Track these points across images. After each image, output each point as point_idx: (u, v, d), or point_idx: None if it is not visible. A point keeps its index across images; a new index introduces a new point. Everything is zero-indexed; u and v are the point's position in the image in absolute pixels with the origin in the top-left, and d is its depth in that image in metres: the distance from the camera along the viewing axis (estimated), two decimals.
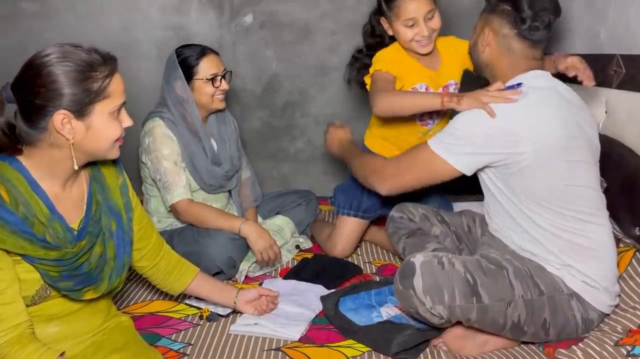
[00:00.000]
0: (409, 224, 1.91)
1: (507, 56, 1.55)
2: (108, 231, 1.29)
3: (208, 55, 2.03)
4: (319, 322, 1.65)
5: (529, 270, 1.47)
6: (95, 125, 1.17)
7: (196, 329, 1.61)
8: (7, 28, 2.92)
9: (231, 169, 2.11)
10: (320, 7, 3.03)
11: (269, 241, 1.91)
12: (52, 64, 1.12)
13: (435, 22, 1.89)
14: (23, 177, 1.16)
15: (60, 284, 1.18)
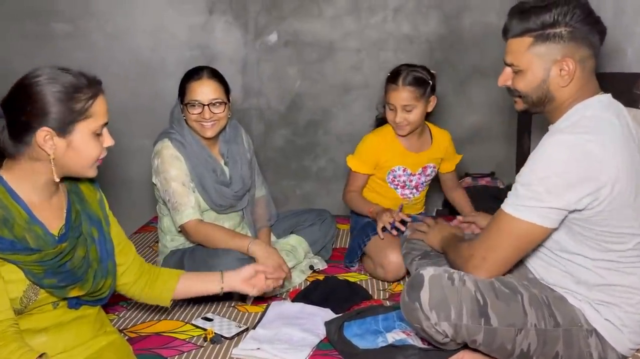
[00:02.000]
0: (423, 245, 1.87)
1: (585, 81, 1.37)
2: (89, 237, 1.32)
3: (198, 80, 1.95)
4: (324, 348, 1.61)
5: (547, 299, 1.39)
6: (75, 143, 1.21)
7: (199, 351, 1.59)
8: (39, 48, 3.03)
9: (242, 189, 2.09)
10: (345, 26, 3.03)
11: (277, 261, 1.88)
12: (40, 84, 1.18)
13: (411, 116, 2.14)
14: (2, 186, 1.20)
15: (45, 281, 1.21)
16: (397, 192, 2.31)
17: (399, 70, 2.16)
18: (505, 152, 3.15)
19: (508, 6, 3.02)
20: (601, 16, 2.04)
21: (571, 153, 1.27)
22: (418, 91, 2.13)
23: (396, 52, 3.06)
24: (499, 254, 1.38)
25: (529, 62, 1.36)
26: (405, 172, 2.27)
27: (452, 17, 3.01)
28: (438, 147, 2.32)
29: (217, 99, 1.96)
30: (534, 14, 1.33)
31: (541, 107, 1.42)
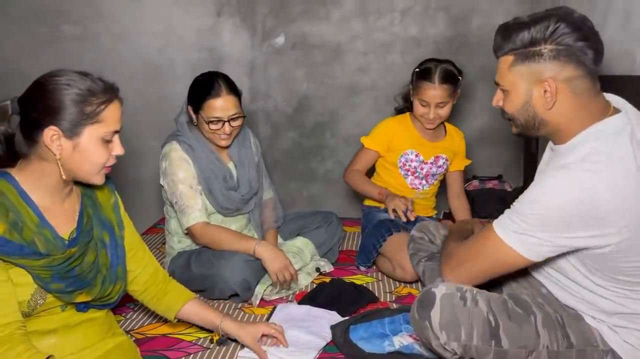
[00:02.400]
0: (429, 246, 1.86)
1: (577, 103, 1.27)
2: (100, 241, 1.33)
3: (218, 98, 1.92)
4: (330, 350, 1.61)
5: (561, 318, 1.35)
6: (82, 146, 1.21)
7: (205, 353, 1.59)
8: (47, 49, 3.05)
9: (249, 193, 2.09)
10: (352, 28, 3.03)
11: (284, 262, 1.89)
12: (56, 84, 1.19)
13: (443, 111, 2.22)
14: (13, 187, 1.21)
15: (52, 285, 1.21)
16: (406, 181, 2.35)
17: (430, 68, 2.18)
18: (513, 155, 3.14)
19: (516, 8, 3.05)
20: (611, 19, 2.06)
21: (578, 193, 1.19)
22: (452, 87, 2.19)
23: (403, 54, 3.05)
24: (474, 266, 1.38)
25: (512, 82, 1.31)
26: (417, 158, 2.31)
27: (459, 20, 3.01)
28: (452, 140, 2.38)
29: (237, 114, 1.96)
30: (515, 31, 1.27)
31: (534, 131, 1.34)
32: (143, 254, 1.48)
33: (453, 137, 2.39)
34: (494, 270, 1.37)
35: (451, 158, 2.39)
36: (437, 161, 2.34)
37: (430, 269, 1.79)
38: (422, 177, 2.35)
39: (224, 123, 1.94)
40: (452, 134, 2.40)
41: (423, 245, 1.88)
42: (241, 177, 2.08)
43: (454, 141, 2.39)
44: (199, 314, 1.55)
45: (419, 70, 2.22)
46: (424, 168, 2.33)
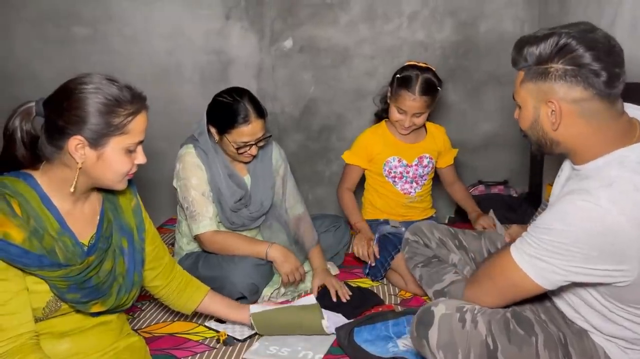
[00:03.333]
0: (424, 250, 1.84)
1: (588, 126, 1.21)
2: (118, 248, 1.32)
3: (249, 125, 1.89)
4: (335, 352, 1.62)
5: (564, 337, 1.33)
6: (106, 156, 1.20)
7: (212, 353, 1.61)
8: (59, 51, 3.08)
9: (258, 211, 2.07)
10: (359, 32, 3.05)
11: (295, 264, 1.91)
12: (84, 91, 1.16)
13: (419, 120, 2.22)
14: (35, 192, 1.20)
15: (68, 295, 1.21)
16: (396, 188, 2.34)
17: (411, 76, 2.15)
18: (519, 160, 3.14)
19: (524, 14, 3.06)
20: (619, 25, 2.07)
21: (599, 226, 1.12)
22: (431, 99, 2.18)
23: (410, 59, 3.05)
24: (491, 288, 1.35)
25: (523, 98, 1.27)
26: (400, 163, 2.32)
27: (467, 25, 3.02)
28: (433, 139, 2.37)
29: (264, 135, 1.97)
30: (526, 46, 1.22)
31: (548, 149, 1.29)
32: (164, 253, 1.50)
33: (434, 136, 2.38)
34: (512, 294, 1.32)
35: (436, 156, 2.39)
36: (422, 161, 2.34)
37: (428, 275, 1.77)
38: (411, 181, 2.35)
39: (252, 146, 1.94)
40: (433, 132, 2.39)
41: (418, 249, 1.85)
42: (253, 194, 2.06)
43: (435, 139, 2.38)
44: (221, 309, 1.62)
45: (400, 77, 2.18)
46: (409, 171, 2.33)
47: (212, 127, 1.97)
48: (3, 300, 1.13)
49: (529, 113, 1.27)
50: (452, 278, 1.70)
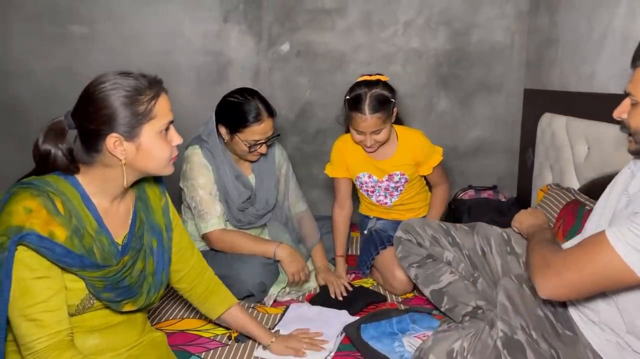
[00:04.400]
0: (418, 249, 1.83)
1: None
2: (149, 248, 1.35)
3: (260, 123, 1.96)
4: (344, 349, 1.68)
5: (556, 353, 1.34)
6: (144, 145, 1.23)
7: (224, 349, 1.65)
8: (56, 49, 3.08)
9: (264, 209, 2.13)
10: (356, 38, 3.11)
11: (301, 264, 1.97)
12: (104, 91, 1.19)
13: (380, 136, 2.12)
14: (77, 192, 1.23)
15: (103, 294, 1.25)
16: (372, 199, 2.34)
17: (360, 95, 2.07)
18: (508, 166, 3.25)
19: (516, 25, 3.16)
20: (610, 40, 2.17)
21: None
22: (384, 113, 2.07)
23: (404, 65, 3.14)
24: (577, 278, 1.21)
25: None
26: (371, 179, 2.28)
27: (460, 34, 3.11)
28: (403, 153, 2.24)
29: (274, 134, 2.03)
30: None
31: None
32: (190, 255, 1.51)
33: (406, 148, 2.24)
34: (596, 285, 1.22)
35: (410, 170, 2.27)
36: (392, 178, 2.27)
37: (424, 276, 1.79)
38: (385, 194, 2.32)
39: (262, 144, 1.99)
40: (405, 144, 2.24)
41: (412, 248, 1.84)
42: (258, 192, 2.11)
43: (407, 151, 2.24)
44: (241, 325, 1.61)
45: (349, 98, 2.11)
46: (381, 186, 2.30)
47: (222, 127, 2.01)
48: (46, 297, 1.15)
49: None
50: (449, 279, 1.74)
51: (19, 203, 1.14)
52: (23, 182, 1.21)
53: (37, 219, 1.13)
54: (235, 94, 2.01)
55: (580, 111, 2.35)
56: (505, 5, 3.06)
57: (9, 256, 1.11)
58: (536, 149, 2.73)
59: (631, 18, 2.03)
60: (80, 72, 3.10)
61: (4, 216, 1.13)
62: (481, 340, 1.36)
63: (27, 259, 1.13)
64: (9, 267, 1.11)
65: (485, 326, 1.41)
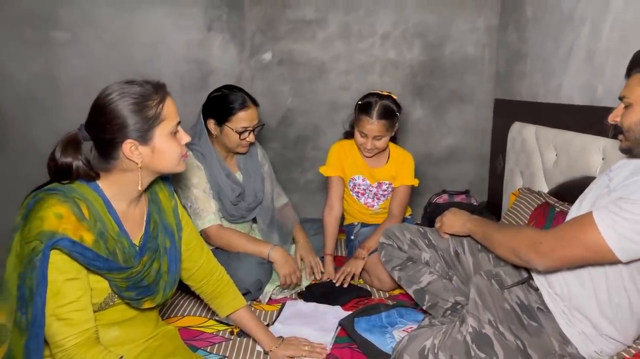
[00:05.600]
0: (399, 253, 1.97)
1: None
2: (163, 248, 1.43)
3: (247, 110, 2.10)
4: (341, 341, 1.79)
5: (522, 343, 1.47)
6: (158, 147, 1.31)
7: (229, 344, 1.73)
8: (37, 54, 3.09)
9: (254, 202, 2.25)
10: (335, 49, 3.24)
11: (293, 267, 2.06)
12: (113, 101, 1.26)
13: (380, 143, 2.36)
14: (99, 197, 1.30)
15: (125, 293, 1.32)
16: (360, 201, 2.55)
17: (371, 102, 2.32)
18: (479, 171, 3.42)
19: (486, 38, 3.34)
20: (576, 54, 2.36)
21: None
22: (389, 123, 2.33)
23: (382, 75, 3.28)
24: (567, 252, 1.38)
25: (637, 95, 1.37)
26: (364, 182, 2.51)
27: (434, 46, 3.27)
28: (392, 166, 2.51)
29: (260, 123, 2.15)
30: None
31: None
32: (199, 254, 1.58)
33: (395, 163, 2.50)
34: (583, 259, 1.38)
35: (394, 181, 2.52)
36: (381, 186, 2.53)
37: (406, 278, 1.93)
38: (373, 197, 2.54)
39: (250, 132, 2.09)
40: (396, 160, 2.51)
41: (394, 253, 1.98)
42: (247, 187, 2.23)
43: (395, 165, 2.50)
44: (246, 327, 1.66)
45: (361, 103, 2.36)
46: (372, 190, 2.53)
47: (210, 123, 2.13)
48: (75, 297, 1.21)
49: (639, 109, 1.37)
50: (428, 279, 1.89)
51: (48, 209, 1.19)
52: (47, 188, 1.26)
53: (69, 225, 1.19)
54: (220, 89, 2.17)
55: (548, 120, 2.53)
56: (477, 20, 3.24)
57: (43, 259, 1.16)
58: (507, 156, 2.90)
59: (594, 38, 2.22)
60: (61, 77, 3.12)
61: (35, 221, 1.18)
62: (451, 336, 1.48)
63: (59, 262, 1.19)
64: (44, 269, 1.17)
65: (457, 322, 1.54)
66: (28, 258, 1.17)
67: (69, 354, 1.20)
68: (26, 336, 1.18)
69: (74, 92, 3.08)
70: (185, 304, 1.99)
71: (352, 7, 3.20)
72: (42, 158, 1.35)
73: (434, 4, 3.22)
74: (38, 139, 3.06)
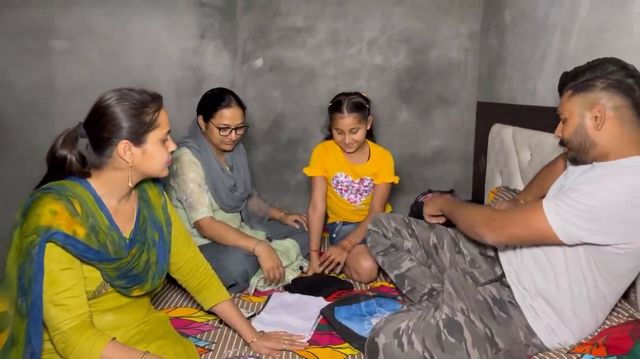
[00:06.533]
0: (384, 240, 2.12)
1: (623, 129, 1.50)
2: (152, 241, 1.55)
3: (229, 108, 2.28)
4: (321, 328, 1.91)
5: (490, 331, 1.58)
6: (149, 150, 1.44)
7: (217, 331, 1.86)
8: (37, 63, 3.21)
9: (245, 192, 2.45)
10: (324, 55, 3.37)
11: (276, 262, 2.19)
12: (112, 104, 1.39)
13: (357, 136, 2.51)
14: (90, 194, 1.42)
15: (116, 282, 1.44)
16: (343, 197, 2.69)
17: (340, 100, 2.50)
18: (463, 171, 3.54)
19: (469, 44, 3.47)
20: (549, 58, 2.49)
21: (633, 199, 1.39)
22: (360, 114, 2.49)
23: (369, 80, 3.41)
24: (515, 232, 1.55)
25: (569, 110, 1.56)
26: (346, 179, 2.65)
27: (419, 51, 3.40)
28: (373, 163, 2.65)
29: (242, 123, 2.30)
30: (580, 72, 1.56)
31: (585, 154, 1.56)
32: (186, 250, 1.69)
33: (376, 160, 2.65)
34: (530, 240, 1.56)
35: (375, 178, 2.66)
36: (363, 181, 2.66)
37: (388, 263, 2.09)
38: (356, 193, 2.68)
39: (232, 131, 2.25)
40: (376, 157, 2.65)
41: (379, 239, 2.13)
42: (237, 180, 2.41)
43: (375, 163, 2.65)
44: (228, 320, 1.77)
45: (332, 104, 2.54)
46: (354, 186, 2.67)
47: (200, 118, 2.32)
48: (70, 285, 1.34)
49: (575, 121, 1.55)
50: (408, 265, 2.05)
51: (44, 206, 1.31)
52: (44, 187, 1.38)
53: (62, 220, 1.31)
54: (212, 90, 2.37)
55: (524, 121, 2.66)
56: (460, 26, 3.37)
57: (40, 251, 1.29)
58: (488, 156, 3.02)
59: (563, 43, 2.35)
60: (60, 85, 3.25)
61: (33, 217, 1.30)
62: (425, 320, 1.59)
63: (54, 254, 1.31)
64: (40, 261, 1.29)
65: (431, 308, 1.66)
66: (26, 251, 1.29)
67: (66, 336, 1.32)
68: (26, 321, 1.29)
69: (73, 99, 3.21)
70: (177, 297, 2.12)
71: (340, 15, 3.33)
72: (42, 163, 1.47)
73: (419, 10, 3.36)
74: (38, 144, 3.15)
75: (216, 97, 2.30)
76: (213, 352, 1.73)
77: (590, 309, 1.58)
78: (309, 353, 1.74)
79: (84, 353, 1.31)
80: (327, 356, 1.73)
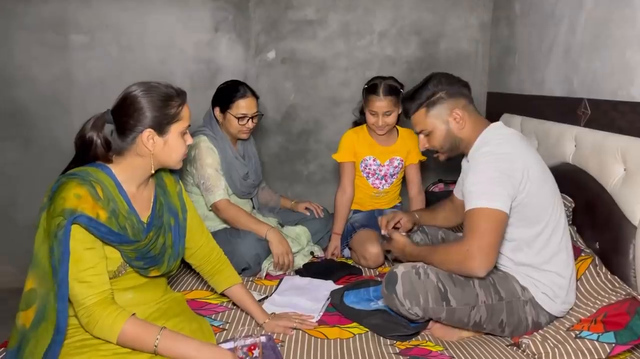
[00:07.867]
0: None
1: (474, 121, 1.85)
2: (168, 225, 1.64)
3: (245, 98, 2.42)
4: (330, 310, 1.99)
5: (492, 279, 1.76)
6: (170, 141, 1.53)
7: (231, 312, 1.95)
8: (57, 57, 3.30)
9: (256, 179, 2.58)
10: (335, 46, 3.43)
11: (286, 248, 2.28)
12: (140, 95, 1.48)
13: (390, 119, 2.62)
14: (112, 180, 1.51)
15: (134, 262, 1.53)
16: (369, 182, 2.77)
17: (376, 83, 2.59)
18: None
19: (480, 35, 3.49)
20: (555, 51, 2.53)
21: (501, 161, 1.70)
22: (395, 98, 2.58)
23: (380, 71, 3.44)
24: (486, 239, 1.62)
25: (432, 124, 1.86)
26: (375, 162, 2.73)
27: (429, 43, 3.45)
28: (403, 142, 2.78)
29: (258, 113, 2.41)
30: (418, 93, 1.86)
31: (457, 150, 1.89)
32: (200, 236, 1.78)
33: (404, 139, 2.78)
34: (499, 235, 1.66)
35: (405, 157, 2.78)
36: (393, 162, 2.75)
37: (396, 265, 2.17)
38: (382, 178, 2.77)
39: (249, 119, 2.36)
40: (404, 136, 2.79)
41: None
42: (249, 168, 2.53)
43: (405, 141, 2.77)
44: (240, 302, 1.86)
45: (368, 87, 2.62)
46: (382, 170, 2.75)
47: (216, 110, 2.43)
48: (93, 263, 1.42)
49: (442, 129, 1.86)
50: (418, 239, 2.16)
51: (69, 191, 1.40)
52: (69, 173, 1.47)
53: (86, 204, 1.40)
54: (225, 82, 2.50)
55: (533, 111, 2.70)
56: (470, 17, 3.41)
57: (66, 233, 1.37)
58: None
59: (571, 33, 2.38)
60: (80, 79, 3.33)
61: (59, 201, 1.39)
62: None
63: (79, 235, 1.40)
64: (66, 241, 1.38)
65: None
66: (54, 233, 1.38)
67: (89, 311, 1.40)
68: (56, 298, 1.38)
69: (91, 92, 3.30)
70: (192, 281, 2.21)
71: (351, 7, 3.38)
72: (63, 154, 1.56)
73: (429, 2, 3.40)
74: (60, 136, 3.29)
75: (231, 89, 2.43)
76: (227, 331, 1.82)
77: (553, 250, 1.78)
78: (319, 332, 1.82)
79: (106, 327, 1.39)
80: (336, 334, 1.81)
